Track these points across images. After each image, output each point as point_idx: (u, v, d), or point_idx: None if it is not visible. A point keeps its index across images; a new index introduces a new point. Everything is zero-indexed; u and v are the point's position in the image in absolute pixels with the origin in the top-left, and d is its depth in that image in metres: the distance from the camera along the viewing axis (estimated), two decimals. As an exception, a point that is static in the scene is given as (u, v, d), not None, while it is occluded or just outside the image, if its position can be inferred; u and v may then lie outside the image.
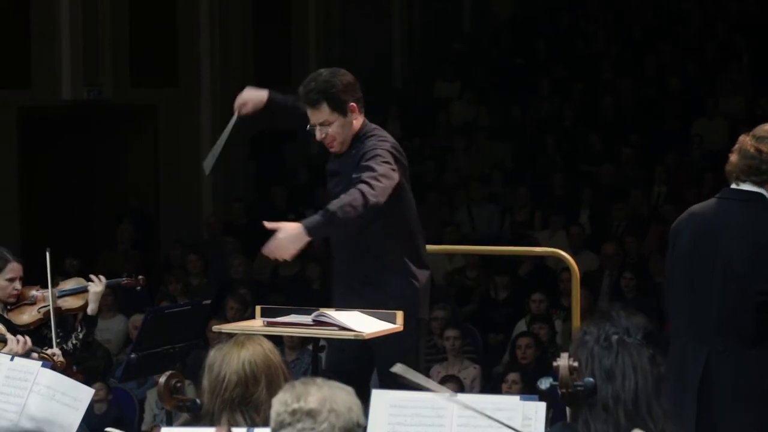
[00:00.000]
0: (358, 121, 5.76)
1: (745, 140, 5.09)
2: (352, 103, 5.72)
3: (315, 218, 5.34)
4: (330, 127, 5.70)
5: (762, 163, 5.02)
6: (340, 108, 5.69)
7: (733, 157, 5.10)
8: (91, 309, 6.44)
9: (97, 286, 6.43)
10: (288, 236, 5.25)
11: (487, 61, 17.91)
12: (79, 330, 6.41)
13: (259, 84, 6.34)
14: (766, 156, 5.02)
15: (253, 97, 6.11)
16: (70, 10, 13.52)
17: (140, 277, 6.86)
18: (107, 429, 4.52)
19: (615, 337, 3.59)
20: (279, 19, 16.30)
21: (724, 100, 15.07)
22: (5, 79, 13.16)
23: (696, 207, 5.27)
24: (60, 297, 6.42)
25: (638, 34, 17.66)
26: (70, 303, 6.47)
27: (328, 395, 3.28)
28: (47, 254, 6.35)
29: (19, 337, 6.05)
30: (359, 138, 5.75)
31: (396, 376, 3.53)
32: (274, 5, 16.26)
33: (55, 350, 6.12)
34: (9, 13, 13.22)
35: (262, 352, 4.12)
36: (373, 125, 5.84)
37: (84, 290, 6.49)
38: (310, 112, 5.71)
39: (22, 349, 5.93)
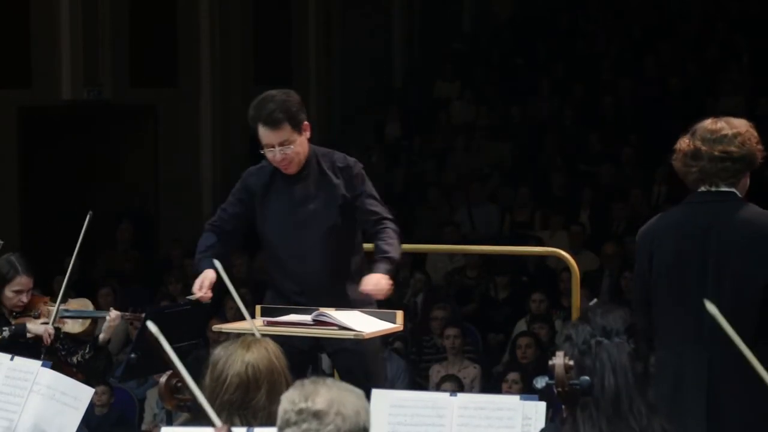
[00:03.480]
0: (308, 140, 5.85)
1: (696, 145, 5.11)
2: (306, 122, 5.81)
3: (386, 267, 5.69)
4: (290, 146, 5.74)
5: (735, 162, 5.04)
6: (298, 127, 5.75)
7: (697, 164, 5.10)
8: (102, 338, 6.55)
9: (115, 320, 6.52)
10: (384, 281, 5.63)
11: (487, 61, 17.90)
12: (86, 350, 6.50)
13: (258, 83, 6.34)
14: (737, 155, 5.04)
15: (209, 276, 5.92)
16: (70, 10, 13.51)
17: (142, 314, 6.88)
18: None
19: (593, 340, 3.60)
20: (279, 19, 16.29)
21: (724, 100, 15.04)
22: (5, 79, 13.15)
23: (669, 216, 5.21)
24: (63, 317, 6.47)
25: (638, 34, 17.64)
26: (71, 327, 6.54)
27: (336, 397, 3.23)
28: (88, 217, 6.43)
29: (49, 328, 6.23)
30: (313, 157, 5.85)
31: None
32: (274, 5, 16.25)
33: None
34: (9, 13, 13.22)
35: (266, 356, 4.06)
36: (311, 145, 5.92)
37: (89, 317, 6.59)
38: (269, 133, 5.73)
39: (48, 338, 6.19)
